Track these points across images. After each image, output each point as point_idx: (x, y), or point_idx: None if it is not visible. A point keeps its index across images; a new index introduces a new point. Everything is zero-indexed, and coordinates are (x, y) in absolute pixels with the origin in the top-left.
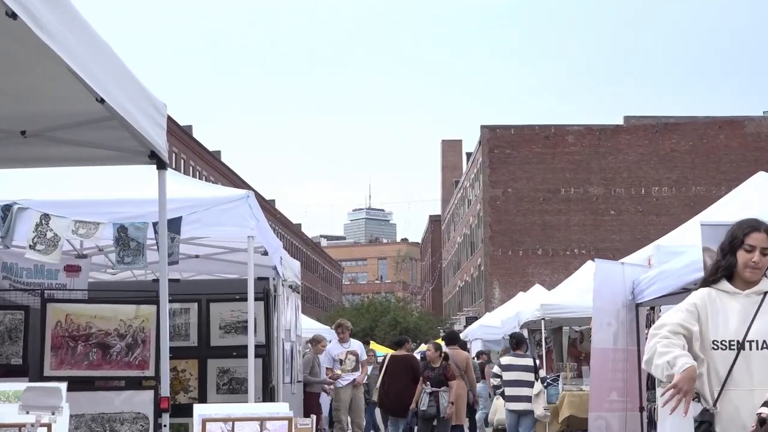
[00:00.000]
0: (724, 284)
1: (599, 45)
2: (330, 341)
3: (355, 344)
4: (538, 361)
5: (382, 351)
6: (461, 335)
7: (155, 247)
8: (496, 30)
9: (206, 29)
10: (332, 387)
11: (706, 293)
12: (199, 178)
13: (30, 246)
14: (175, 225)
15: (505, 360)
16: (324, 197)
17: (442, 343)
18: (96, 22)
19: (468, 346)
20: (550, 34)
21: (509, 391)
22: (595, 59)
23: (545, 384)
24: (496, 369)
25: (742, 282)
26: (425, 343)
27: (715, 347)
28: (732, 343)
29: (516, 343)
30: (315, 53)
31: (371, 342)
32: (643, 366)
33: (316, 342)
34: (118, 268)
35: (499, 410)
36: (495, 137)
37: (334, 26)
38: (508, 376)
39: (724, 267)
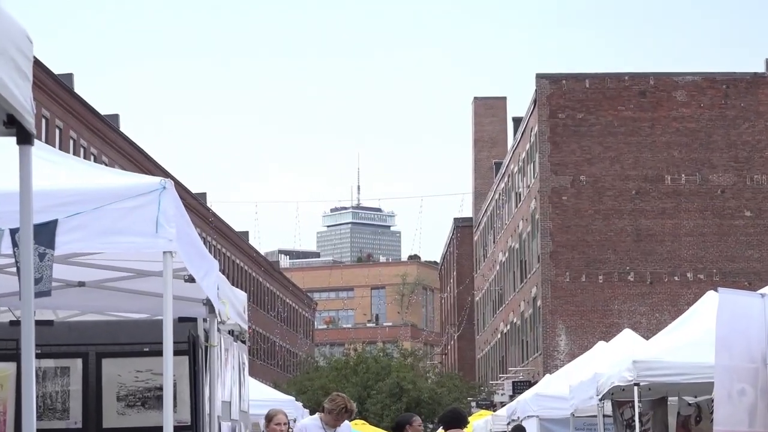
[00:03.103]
0: None
1: None
2: (300, 418)
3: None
4: None
5: None
6: (505, 410)
7: (13, 270)
8: None
9: None
10: None
11: None
12: (86, 158)
13: None
14: (45, 234)
15: None
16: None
17: None
18: None
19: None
20: None
21: None
22: None
23: None
24: None
25: None
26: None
27: None
28: None
29: None
30: None
31: (360, 421)
32: None
33: (269, 419)
34: None
35: None
36: (560, 93)
37: None
38: None
39: None
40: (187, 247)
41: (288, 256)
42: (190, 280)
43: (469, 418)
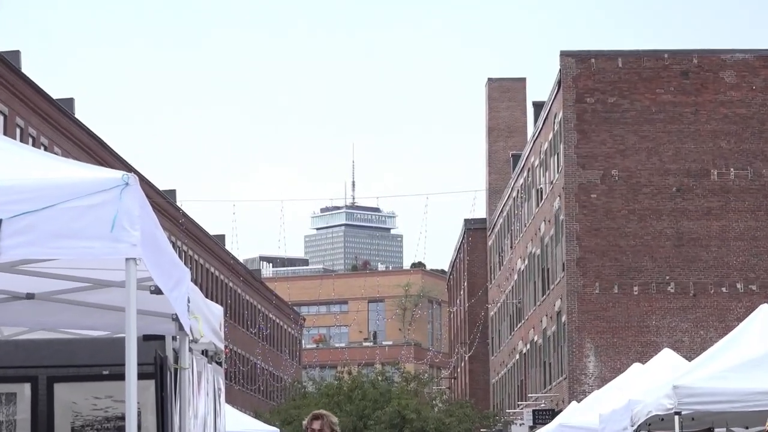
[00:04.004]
0: None
1: None
2: None
3: None
4: None
5: None
6: None
7: None
8: None
9: None
10: None
11: None
12: (35, 146)
13: None
14: None
15: None
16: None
17: None
18: None
19: None
20: None
21: None
22: None
23: None
24: None
25: None
26: None
27: None
28: None
29: None
30: None
31: None
32: None
33: None
34: None
35: None
36: (588, 74)
37: None
38: None
39: None
40: (155, 253)
41: (271, 264)
42: (157, 291)
43: None
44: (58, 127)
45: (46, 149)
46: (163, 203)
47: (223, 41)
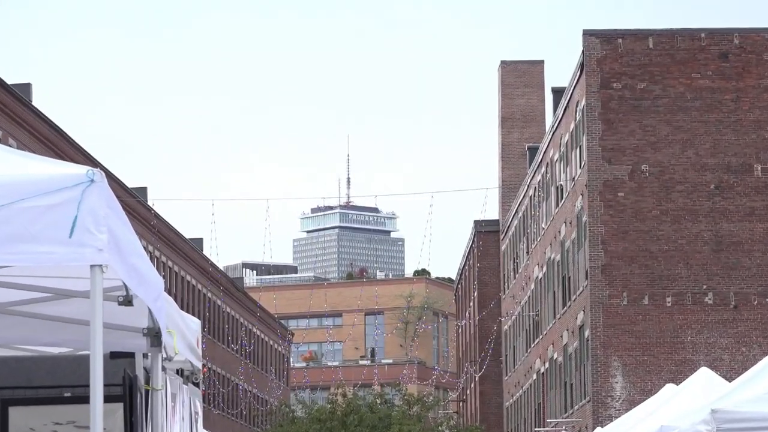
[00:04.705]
0: None
1: None
2: None
3: None
4: None
5: None
6: None
7: None
8: None
9: None
10: None
11: None
12: None
13: None
14: None
15: None
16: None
17: None
18: None
19: None
20: None
21: None
22: None
23: None
24: None
25: None
26: None
27: None
28: None
29: None
30: None
31: None
32: None
33: None
34: None
35: None
36: (614, 56)
37: None
38: None
39: None
40: (127, 259)
41: (255, 272)
42: (126, 302)
43: None
44: (13, 115)
45: None
46: (132, 203)
47: (203, 22)
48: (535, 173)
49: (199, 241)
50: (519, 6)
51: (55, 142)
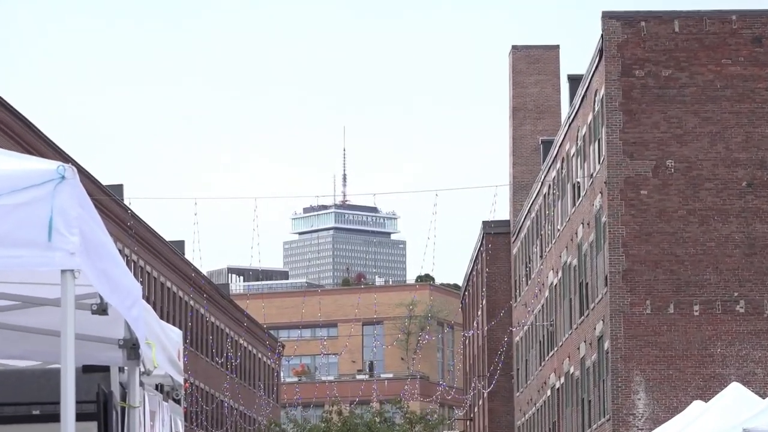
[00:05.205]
0: None
1: None
2: None
3: None
4: None
5: None
6: None
7: None
8: None
9: None
10: None
11: None
12: None
13: None
14: None
15: None
16: (238, 182)
17: None
18: None
19: None
20: None
21: None
22: None
23: None
24: None
25: None
26: None
27: None
28: None
29: None
30: None
31: None
32: None
33: None
34: None
35: None
36: (637, 41)
37: None
38: None
39: None
40: (100, 263)
41: (242, 277)
42: (100, 311)
43: None
44: None
45: None
46: (106, 201)
47: (189, 10)
48: (549, 169)
49: (180, 244)
50: None
51: (21, 135)
